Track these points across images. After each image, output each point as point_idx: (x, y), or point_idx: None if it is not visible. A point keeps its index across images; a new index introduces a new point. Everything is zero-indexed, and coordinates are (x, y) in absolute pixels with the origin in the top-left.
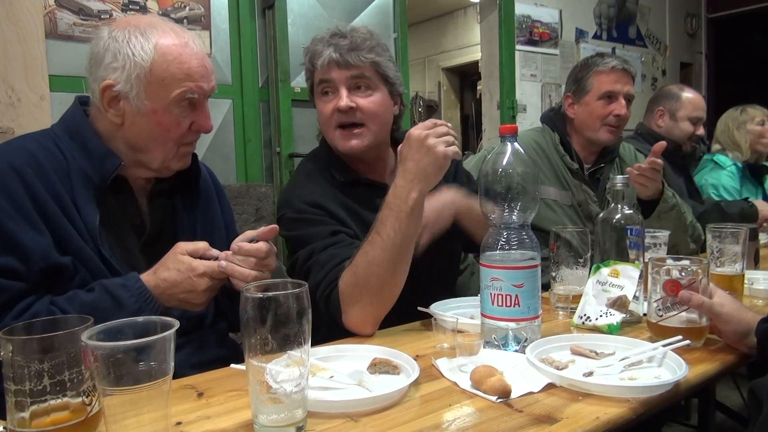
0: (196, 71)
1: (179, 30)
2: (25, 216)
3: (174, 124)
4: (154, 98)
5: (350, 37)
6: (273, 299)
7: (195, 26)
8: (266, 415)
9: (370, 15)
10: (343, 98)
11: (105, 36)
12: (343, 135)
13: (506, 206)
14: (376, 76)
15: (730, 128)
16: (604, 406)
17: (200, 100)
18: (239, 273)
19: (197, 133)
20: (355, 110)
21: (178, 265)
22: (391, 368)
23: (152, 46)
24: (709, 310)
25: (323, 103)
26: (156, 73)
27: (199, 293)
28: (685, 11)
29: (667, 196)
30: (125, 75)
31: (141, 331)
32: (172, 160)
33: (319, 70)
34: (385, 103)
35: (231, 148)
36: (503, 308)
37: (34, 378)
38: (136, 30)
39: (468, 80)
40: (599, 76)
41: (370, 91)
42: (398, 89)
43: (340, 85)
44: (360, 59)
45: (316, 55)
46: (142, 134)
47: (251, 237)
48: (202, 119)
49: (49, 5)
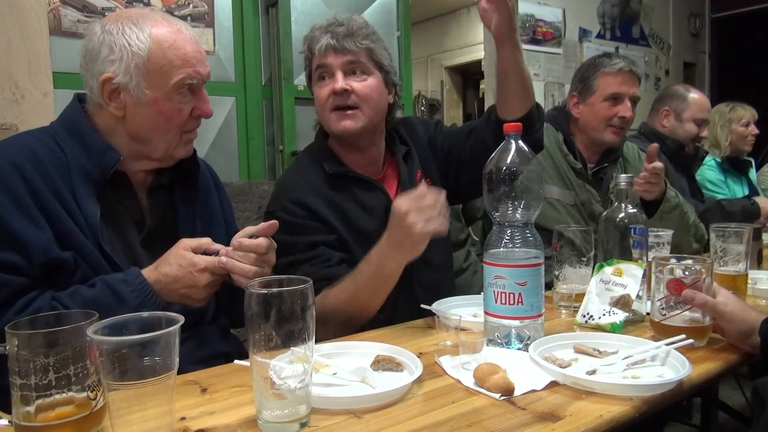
0: (192, 56)
1: (170, 18)
2: (25, 211)
3: (176, 111)
4: (154, 86)
5: (347, 24)
6: (277, 295)
7: (198, 23)
8: (270, 410)
9: (373, 13)
10: (338, 81)
11: (98, 31)
12: (338, 116)
13: (510, 204)
14: (370, 62)
15: (715, 123)
16: (608, 404)
17: (198, 85)
18: (239, 269)
19: (198, 119)
20: (350, 93)
21: (179, 260)
22: (395, 365)
23: (147, 35)
24: (713, 309)
25: (320, 88)
26: (154, 61)
27: (200, 288)
28: (688, 11)
29: (669, 195)
30: (123, 66)
31: (146, 326)
32: (175, 148)
33: (317, 56)
34: (378, 88)
35: (234, 145)
36: (506, 306)
37: (39, 372)
38: (129, 21)
39: (471, 79)
40: (606, 77)
41: (365, 76)
42: (393, 78)
43: (336, 69)
44: (355, 45)
45: (314, 41)
46: (145, 125)
47: (251, 233)
48: (202, 104)
49: (53, 2)
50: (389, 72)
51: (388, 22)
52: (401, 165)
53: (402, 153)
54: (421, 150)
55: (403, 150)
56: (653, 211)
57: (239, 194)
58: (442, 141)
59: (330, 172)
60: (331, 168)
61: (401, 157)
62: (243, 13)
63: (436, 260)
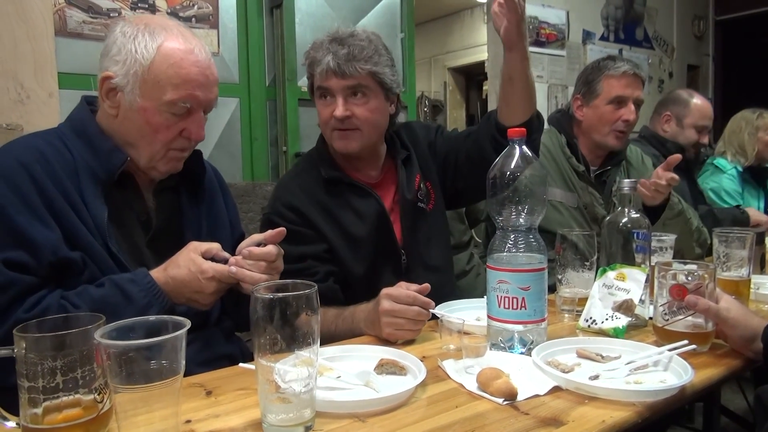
0: (194, 79)
1: (190, 36)
2: (34, 211)
3: (163, 126)
4: (147, 96)
5: (348, 45)
6: (282, 300)
7: (203, 25)
8: (275, 414)
9: (377, 15)
10: (339, 107)
11: (117, 30)
12: (340, 136)
13: (514, 209)
14: (373, 84)
15: (742, 129)
16: (610, 409)
17: (194, 108)
18: (250, 278)
19: (188, 140)
20: (351, 117)
21: (189, 264)
22: (398, 369)
23: (156, 46)
24: (716, 314)
25: (322, 106)
26: (153, 72)
27: (206, 295)
28: (692, 13)
29: (673, 202)
30: (124, 69)
31: (153, 329)
32: (159, 161)
33: (318, 77)
34: (380, 109)
35: (237, 146)
36: (510, 311)
37: (47, 375)
38: (146, 29)
39: (474, 80)
40: (610, 80)
41: (366, 99)
42: (395, 92)
43: (337, 93)
44: (357, 70)
45: (315, 62)
46: (132, 129)
47: (258, 240)
48: (194, 127)
49: (58, 3)
50: (391, 87)
51: (391, 23)
52: (400, 170)
53: (402, 157)
54: (421, 154)
55: (403, 154)
56: (656, 217)
57: (243, 195)
58: (442, 145)
59: (326, 177)
60: (327, 173)
61: (401, 161)
62: (247, 14)
63: (435, 262)
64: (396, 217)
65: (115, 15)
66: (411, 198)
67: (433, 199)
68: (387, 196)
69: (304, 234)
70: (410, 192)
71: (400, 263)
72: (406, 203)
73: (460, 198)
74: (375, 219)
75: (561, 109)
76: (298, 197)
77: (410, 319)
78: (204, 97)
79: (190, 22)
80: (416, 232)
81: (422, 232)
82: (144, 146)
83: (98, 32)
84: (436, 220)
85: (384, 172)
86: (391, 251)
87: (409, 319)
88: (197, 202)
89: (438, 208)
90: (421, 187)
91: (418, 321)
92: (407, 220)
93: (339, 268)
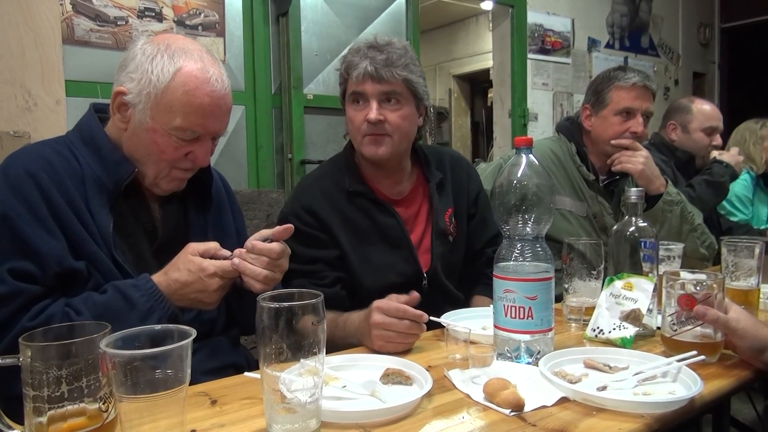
0: (206, 109)
1: (210, 62)
2: (41, 221)
3: (170, 148)
4: (157, 119)
5: (386, 52)
6: (288, 308)
7: (209, 33)
8: (280, 424)
9: (382, 22)
10: (373, 111)
11: (138, 46)
12: (371, 141)
13: (521, 218)
14: (406, 92)
15: (746, 140)
16: (619, 421)
17: (203, 136)
18: (251, 271)
19: (193, 162)
20: (384, 123)
21: (188, 265)
22: (404, 379)
23: (173, 71)
24: (725, 325)
25: (354, 111)
26: (166, 97)
27: (210, 293)
28: (698, 21)
29: (670, 190)
30: (138, 88)
31: (158, 338)
32: (162, 179)
33: (353, 81)
34: (411, 117)
35: (243, 153)
36: (516, 320)
37: (52, 384)
38: (167, 50)
39: (479, 87)
40: (619, 91)
41: (399, 106)
42: (425, 103)
43: (372, 98)
44: (393, 75)
45: (352, 66)
46: (139, 146)
47: (266, 236)
48: (200, 153)
49: (66, 11)
50: (423, 98)
51: (397, 31)
52: (434, 196)
53: (436, 180)
54: (463, 193)
55: (437, 177)
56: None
57: (248, 202)
58: (477, 207)
59: (350, 189)
60: (352, 185)
61: (435, 185)
62: (254, 22)
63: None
64: (419, 237)
65: (122, 23)
66: (443, 227)
67: (456, 228)
68: (408, 212)
69: (319, 238)
70: (442, 222)
71: (421, 287)
72: (439, 231)
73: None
74: (392, 237)
75: (570, 117)
76: (318, 201)
77: (401, 332)
78: (213, 127)
79: (196, 30)
80: (442, 259)
81: (446, 260)
82: (150, 164)
83: (105, 40)
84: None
85: (413, 189)
86: (411, 274)
87: (400, 333)
88: (204, 211)
89: (461, 238)
90: (451, 220)
91: (409, 334)
92: (438, 246)
93: (349, 276)
